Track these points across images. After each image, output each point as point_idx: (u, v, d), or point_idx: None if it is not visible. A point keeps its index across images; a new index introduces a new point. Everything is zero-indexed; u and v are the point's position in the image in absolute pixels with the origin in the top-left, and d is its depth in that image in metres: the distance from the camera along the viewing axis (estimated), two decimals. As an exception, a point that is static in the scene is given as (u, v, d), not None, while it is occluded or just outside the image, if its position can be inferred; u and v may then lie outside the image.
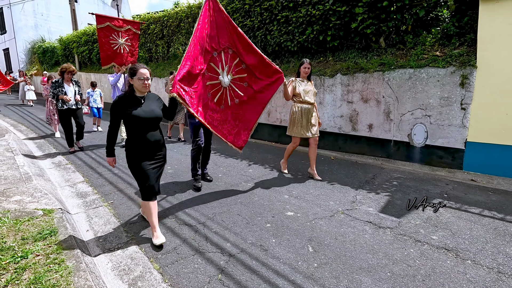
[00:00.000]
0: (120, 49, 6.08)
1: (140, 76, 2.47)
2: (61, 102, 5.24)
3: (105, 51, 5.96)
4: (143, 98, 2.56)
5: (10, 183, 3.54)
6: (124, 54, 6.12)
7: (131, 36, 6.22)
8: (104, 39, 5.91)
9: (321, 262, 2.29)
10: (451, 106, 4.35)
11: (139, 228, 2.84)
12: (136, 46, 6.34)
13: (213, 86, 3.28)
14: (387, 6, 4.88)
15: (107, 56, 6.00)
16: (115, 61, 6.04)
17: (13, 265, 1.96)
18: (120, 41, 6.03)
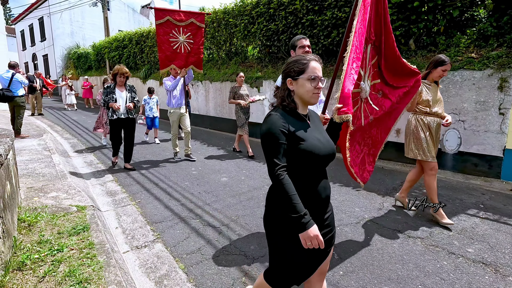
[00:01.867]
0: (180, 48, 5.02)
1: (312, 75, 1.34)
2: (111, 111, 4.44)
3: (164, 51, 4.95)
4: (308, 116, 1.43)
5: (47, 180, 3.77)
6: (184, 54, 5.06)
7: (193, 32, 5.10)
8: (163, 37, 4.91)
9: (347, 270, 2.22)
10: (488, 110, 4.10)
11: (165, 227, 2.91)
12: (200, 42, 5.21)
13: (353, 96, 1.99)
14: (418, 7, 4.70)
15: (166, 58, 4.99)
16: (174, 63, 5.02)
17: (50, 258, 2.08)
18: (181, 39, 4.97)
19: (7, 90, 6.24)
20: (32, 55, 25.52)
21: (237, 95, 5.62)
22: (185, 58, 5.08)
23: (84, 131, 8.28)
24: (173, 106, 5.15)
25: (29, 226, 2.51)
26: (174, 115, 5.19)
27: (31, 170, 4.12)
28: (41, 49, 23.78)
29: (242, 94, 5.65)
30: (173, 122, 5.24)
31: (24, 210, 2.77)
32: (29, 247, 2.18)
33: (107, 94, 4.42)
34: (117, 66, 4.48)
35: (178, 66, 5.06)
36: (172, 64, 5.02)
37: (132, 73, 13.33)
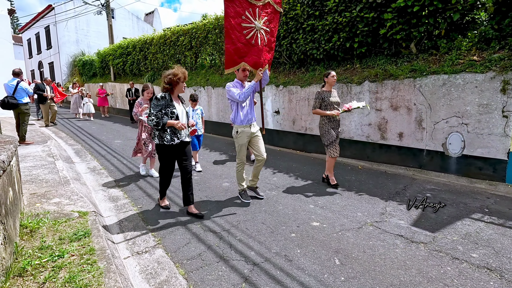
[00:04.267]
0: (256, 38, 3.40)
1: None
2: (169, 133, 3.09)
3: (234, 41, 3.34)
4: None
5: (50, 186, 3.80)
6: (260, 47, 3.44)
7: (270, 16, 3.60)
8: (233, 20, 3.31)
9: (348, 276, 2.19)
10: (491, 113, 4.06)
11: (166, 233, 2.90)
12: (275, 32, 3.70)
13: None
14: (418, 11, 4.71)
15: (236, 51, 3.37)
16: (246, 59, 3.41)
17: (51, 264, 2.09)
18: (257, 24, 3.38)
19: (12, 98, 6.33)
20: (38, 62, 25.94)
21: (326, 103, 4.07)
22: (261, 53, 3.46)
23: (88, 137, 8.36)
24: (241, 123, 3.53)
25: (31, 232, 2.52)
26: (243, 136, 3.55)
27: (35, 176, 4.15)
28: (47, 57, 24.18)
29: (333, 102, 4.10)
30: (241, 146, 3.60)
31: (26, 216, 2.79)
32: (30, 253, 2.19)
33: (161, 109, 3.04)
34: (174, 70, 3.07)
35: (252, 64, 3.45)
36: (242, 61, 3.41)
37: (136, 80, 13.49)
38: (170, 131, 3.08)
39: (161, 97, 3.06)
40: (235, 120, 3.57)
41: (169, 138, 3.08)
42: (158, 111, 3.02)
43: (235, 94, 3.43)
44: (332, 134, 4.07)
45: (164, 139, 3.08)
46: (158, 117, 3.00)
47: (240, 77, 3.59)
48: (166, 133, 3.07)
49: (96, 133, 9.13)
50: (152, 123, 2.99)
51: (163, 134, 3.08)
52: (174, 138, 3.09)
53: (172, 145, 3.10)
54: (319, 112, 4.10)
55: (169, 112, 3.06)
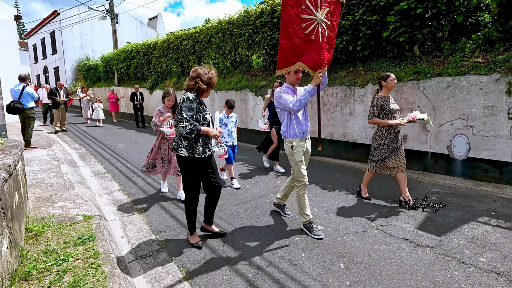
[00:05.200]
0: (316, 33, 2.75)
1: None
2: (202, 144, 2.57)
3: (291, 35, 2.67)
4: None
5: (55, 190, 3.83)
6: (321, 44, 2.79)
7: (332, 7, 2.95)
8: (292, 10, 2.66)
9: (353, 280, 2.17)
10: (497, 115, 4.02)
11: (170, 236, 2.90)
12: (336, 26, 3.07)
13: None
14: (422, 13, 4.70)
15: (292, 48, 2.70)
16: (303, 58, 2.75)
17: (55, 267, 2.09)
18: (319, 16, 2.74)
19: (17, 102, 6.41)
20: (44, 67, 26.27)
21: (386, 111, 3.47)
22: (321, 51, 2.79)
23: (93, 141, 8.42)
24: (295, 136, 2.91)
25: (36, 235, 2.54)
26: (300, 151, 2.92)
27: (40, 180, 4.18)
28: (52, 62, 24.48)
29: (394, 109, 3.51)
30: (299, 163, 2.91)
31: (31, 220, 2.81)
32: (35, 257, 2.20)
33: (194, 113, 2.50)
34: (215, 72, 2.65)
35: (310, 65, 2.77)
36: (298, 61, 2.75)
37: (140, 84, 13.58)
38: (202, 141, 2.54)
39: (193, 98, 2.48)
40: (287, 133, 2.94)
41: (201, 150, 2.51)
42: (192, 116, 2.44)
43: (288, 102, 2.77)
44: (384, 151, 3.53)
45: (195, 151, 2.49)
46: (192, 123, 2.41)
47: (292, 80, 2.91)
48: (198, 143, 2.51)
49: (100, 137, 9.19)
50: (184, 130, 2.38)
51: (195, 145, 2.50)
52: (206, 150, 2.56)
53: (204, 158, 2.57)
54: (379, 122, 3.48)
55: (201, 118, 2.53)
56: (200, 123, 2.53)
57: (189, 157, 2.51)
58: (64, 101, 9.84)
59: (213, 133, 2.53)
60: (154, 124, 3.74)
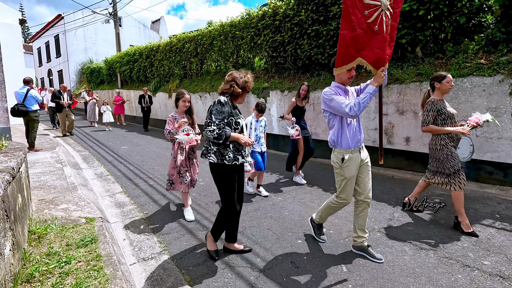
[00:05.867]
0: (380, 23, 2.27)
1: None
2: (233, 150, 2.35)
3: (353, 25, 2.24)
4: None
5: (58, 192, 3.85)
6: (385, 36, 2.32)
7: None
8: None
9: (356, 284, 2.16)
10: (500, 117, 3.99)
11: (172, 239, 2.90)
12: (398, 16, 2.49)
13: None
14: (424, 15, 4.70)
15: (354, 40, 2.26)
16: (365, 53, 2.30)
17: (58, 270, 2.10)
18: (384, 2, 2.26)
19: (22, 105, 6.47)
20: (48, 71, 26.52)
21: (445, 115, 2.99)
22: (385, 45, 2.33)
23: (95, 144, 8.46)
24: (348, 147, 2.43)
25: (39, 238, 2.55)
26: (352, 165, 2.43)
27: (43, 182, 4.21)
28: (56, 65, 24.71)
29: (452, 113, 3.02)
30: (348, 179, 2.45)
31: (34, 222, 2.82)
32: (38, 259, 2.21)
33: (224, 117, 2.28)
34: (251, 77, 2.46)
35: (372, 61, 2.32)
36: (359, 56, 2.31)
37: (142, 86, 13.66)
38: (233, 147, 2.34)
39: (225, 101, 2.32)
40: (337, 142, 2.44)
41: (231, 156, 2.32)
42: (222, 120, 2.26)
43: (343, 106, 2.26)
44: (457, 160, 2.96)
45: (225, 157, 2.31)
46: (220, 127, 2.24)
47: (343, 79, 2.40)
48: (228, 149, 2.33)
49: (103, 139, 9.24)
50: (212, 135, 2.22)
51: (224, 150, 2.33)
52: (238, 157, 2.34)
53: (235, 166, 2.38)
54: (435, 130, 2.98)
55: (233, 122, 2.34)
56: (232, 128, 2.33)
57: (219, 164, 2.33)
58: (68, 104, 9.62)
59: (243, 141, 2.30)
60: (168, 132, 3.29)
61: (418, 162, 4.90)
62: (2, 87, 5.24)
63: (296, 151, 4.64)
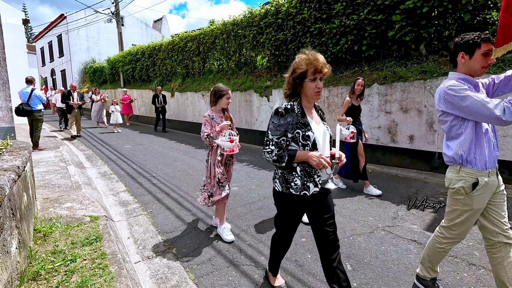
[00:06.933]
0: None
1: None
2: (301, 175, 1.71)
3: None
4: None
5: (62, 191, 3.87)
6: None
7: None
8: None
9: (361, 282, 2.15)
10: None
11: (176, 237, 2.91)
12: None
13: None
14: (428, 12, 4.66)
15: None
16: None
17: (63, 268, 2.11)
18: None
19: (26, 105, 6.50)
20: (51, 70, 26.64)
21: None
22: None
23: (99, 143, 8.50)
24: (483, 167, 1.73)
25: (44, 236, 2.56)
26: (487, 192, 1.76)
27: (48, 181, 4.23)
28: (59, 65, 24.82)
29: None
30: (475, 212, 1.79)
31: (39, 221, 2.84)
32: (44, 257, 2.23)
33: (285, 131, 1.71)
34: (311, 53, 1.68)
35: None
36: None
37: (145, 86, 13.69)
38: (301, 171, 1.70)
39: (286, 109, 1.70)
40: (468, 159, 1.75)
41: (299, 184, 1.70)
42: (281, 136, 1.69)
43: (490, 106, 1.59)
44: None
45: (290, 184, 1.72)
46: (280, 146, 1.68)
47: (475, 67, 1.75)
48: (294, 174, 1.71)
49: (107, 139, 9.28)
50: (270, 157, 1.68)
51: (289, 176, 1.72)
52: (308, 184, 1.69)
53: (305, 197, 1.70)
54: None
55: (300, 136, 1.67)
56: (299, 144, 1.68)
57: (283, 193, 1.76)
58: (79, 105, 9.14)
59: (315, 161, 1.59)
60: (207, 136, 2.77)
61: (421, 160, 4.87)
62: (6, 86, 5.27)
63: (355, 158, 4.04)
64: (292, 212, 1.80)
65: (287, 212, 1.82)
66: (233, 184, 4.53)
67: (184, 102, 11.00)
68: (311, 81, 1.65)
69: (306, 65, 1.62)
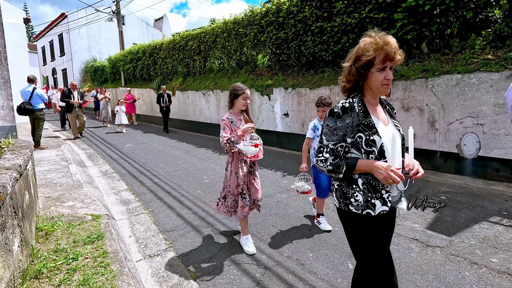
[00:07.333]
0: None
1: None
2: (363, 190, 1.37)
3: None
4: None
5: (64, 190, 3.88)
6: None
7: None
8: None
9: (362, 281, 2.15)
10: (508, 113, 3.93)
11: (177, 236, 2.91)
12: None
13: None
14: (430, 10, 4.63)
15: None
16: None
17: (65, 266, 2.12)
18: None
19: (28, 104, 6.52)
20: (52, 69, 26.67)
21: None
22: None
23: (100, 142, 8.51)
24: None
25: (46, 234, 2.57)
26: None
27: (49, 180, 4.24)
28: (61, 64, 24.84)
29: None
30: None
31: (41, 219, 2.85)
32: (46, 256, 2.23)
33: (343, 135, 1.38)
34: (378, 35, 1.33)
35: None
36: None
37: (146, 84, 13.69)
38: (364, 185, 1.38)
39: (343, 108, 1.38)
40: None
41: (361, 200, 1.38)
42: (338, 142, 1.39)
43: None
44: None
45: (349, 200, 1.41)
46: (337, 153, 1.38)
47: None
48: (354, 188, 1.40)
49: (108, 138, 9.29)
50: (325, 166, 1.39)
51: (348, 189, 1.42)
52: (374, 202, 1.37)
53: (368, 217, 1.38)
54: None
55: (363, 141, 1.36)
56: (361, 152, 1.36)
57: (341, 210, 1.45)
58: (79, 104, 8.80)
59: (383, 174, 1.27)
60: (227, 141, 2.47)
61: (422, 159, 4.85)
62: (7, 85, 5.28)
63: None
64: (357, 233, 1.42)
65: (352, 233, 1.45)
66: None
67: (185, 101, 11.00)
68: (379, 71, 1.33)
69: (374, 51, 1.31)
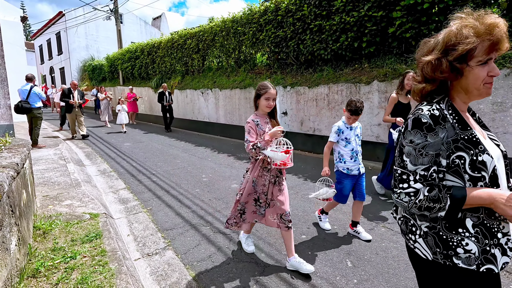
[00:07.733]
0: None
1: None
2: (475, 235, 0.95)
3: None
4: None
5: (62, 189, 3.86)
6: None
7: None
8: None
9: (361, 279, 2.15)
10: (506, 111, 3.95)
11: (176, 234, 2.91)
12: None
13: None
14: (428, 8, 4.64)
15: None
16: None
17: (63, 265, 2.11)
18: None
19: (25, 102, 6.48)
20: (50, 68, 26.55)
21: None
22: None
23: (98, 141, 8.48)
24: None
25: (44, 233, 2.56)
26: None
27: (47, 179, 4.22)
28: (58, 62, 24.73)
29: None
30: None
31: (39, 218, 2.83)
32: (44, 254, 2.22)
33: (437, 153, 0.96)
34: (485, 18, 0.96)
35: None
36: None
37: (144, 83, 13.64)
38: (475, 228, 0.97)
39: (434, 117, 0.97)
40: None
41: (475, 250, 0.96)
42: (430, 166, 0.98)
43: None
44: None
45: (454, 251, 0.97)
46: (431, 182, 0.98)
47: None
48: (461, 232, 0.98)
49: (106, 137, 9.26)
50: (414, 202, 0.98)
51: (450, 234, 0.99)
52: (493, 252, 0.95)
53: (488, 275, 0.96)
54: None
55: (467, 163, 0.96)
56: (463, 179, 0.98)
57: (435, 262, 1.02)
58: (79, 104, 8.58)
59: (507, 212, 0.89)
60: (253, 146, 2.18)
61: (422, 157, 4.87)
62: (4, 84, 5.25)
63: None
64: None
65: None
66: (233, 182, 4.52)
67: (184, 99, 10.97)
68: (480, 65, 0.96)
69: (477, 37, 0.94)
